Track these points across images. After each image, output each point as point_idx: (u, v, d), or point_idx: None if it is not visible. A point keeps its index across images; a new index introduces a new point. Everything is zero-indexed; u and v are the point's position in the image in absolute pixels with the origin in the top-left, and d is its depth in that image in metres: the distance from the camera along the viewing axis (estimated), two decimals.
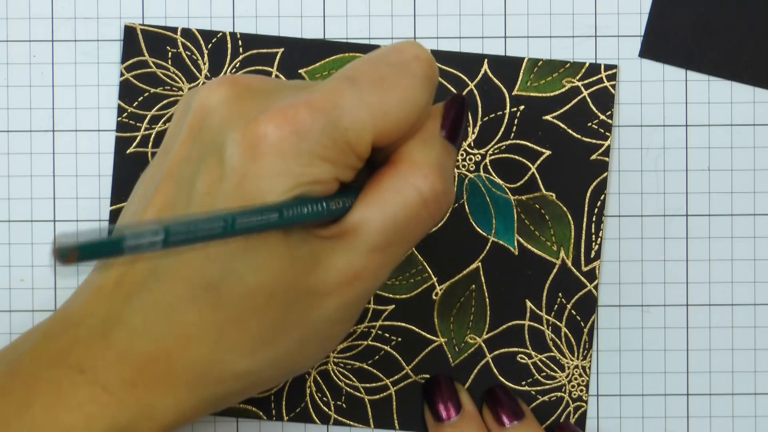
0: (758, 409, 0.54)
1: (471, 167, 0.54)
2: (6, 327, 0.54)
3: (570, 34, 0.54)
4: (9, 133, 0.53)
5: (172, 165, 0.45)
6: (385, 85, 0.44)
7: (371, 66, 0.45)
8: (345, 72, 0.45)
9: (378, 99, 0.44)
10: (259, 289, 0.43)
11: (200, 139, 0.44)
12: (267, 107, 0.43)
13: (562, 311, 0.54)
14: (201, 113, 0.45)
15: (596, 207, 0.54)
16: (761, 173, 0.54)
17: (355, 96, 0.44)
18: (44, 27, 0.54)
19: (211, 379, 0.44)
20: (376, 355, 0.54)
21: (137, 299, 0.44)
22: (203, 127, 0.44)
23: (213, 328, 0.44)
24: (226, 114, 0.44)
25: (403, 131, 0.45)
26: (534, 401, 0.54)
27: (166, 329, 0.43)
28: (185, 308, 0.43)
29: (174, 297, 0.43)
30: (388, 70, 0.45)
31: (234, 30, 0.54)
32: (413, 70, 0.45)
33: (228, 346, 0.44)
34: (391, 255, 0.45)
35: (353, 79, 0.44)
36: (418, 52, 0.45)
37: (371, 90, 0.44)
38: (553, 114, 0.54)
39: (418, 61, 0.45)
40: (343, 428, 0.54)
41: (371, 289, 0.45)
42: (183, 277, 0.43)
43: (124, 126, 0.54)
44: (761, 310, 0.54)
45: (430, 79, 0.45)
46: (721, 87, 0.54)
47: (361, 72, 0.45)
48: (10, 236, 0.53)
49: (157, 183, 0.45)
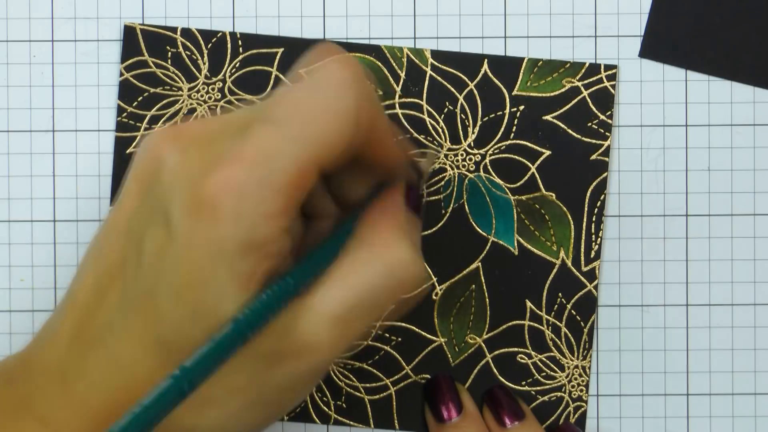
0: (758, 409, 0.54)
1: (471, 167, 0.54)
2: (6, 327, 0.54)
3: (570, 34, 0.54)
4: (9, 133, 0.53)
5: (122, 219, 0.44)
6: (305, 112, 0.43)
7: (287, 98, 0.43)
8: (263, 113, 0.43)
9: (303, 130, 0.42)
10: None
11: (148, 196, 0.44)
12: (210, 161, 0.42)
13: (562, 311, 0.54)
14: (147, 168, 0.44)
15: (596, 207, 0.54)
16: (761, 173, 0.54)
17: (280, 135, 0.42)
18: (44, 27, 0.54)
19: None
20: (376, 355, 0.54)
21: (94, 353, 0.44)
22: (150, 182, 0.44)
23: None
24: (172, 171, 0.43)
25: (347, 148, 0.43)
26: (534, 401, 0.54)
27: (120, 383, 0.43)
28: (139, 364, 0.43)
29: (128, 354, 0.43)
30: (303, 96, 0.43)
31: (234, 30, 0.54)
32: (329, 83, 0.43)
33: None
34: (353, 328, 0.44)
35: (273, 118, 0.43)
36: (330, 63, 0.43)
37: (293, 123, 0.42)
38: (553, 114, 0.54)
39: (330, 71, 0.43)
40: (343, 428, 0.54)
41: (327, 362, 0.44)
42: (136, 334, 0.43)
43: (124, 126, 0.54)
44: (761, 310, 0.54)
45: (349, 81, 0.43)
46: (721, 87, 0.54)
47: (278, 108, 0.43)
48: (10, 236, 0.53)
49: (110, 234, 0.44)
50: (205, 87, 0.53)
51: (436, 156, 0.53)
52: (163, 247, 0.43)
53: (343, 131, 0.43)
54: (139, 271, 0.43)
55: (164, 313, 0.43)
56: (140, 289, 0.43)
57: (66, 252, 0.53)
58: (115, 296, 0.44)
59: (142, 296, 0.43)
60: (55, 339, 0.45)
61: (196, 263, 0.42)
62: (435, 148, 0.53)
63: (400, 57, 0.53)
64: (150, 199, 0.44)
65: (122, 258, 0.44)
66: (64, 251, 0.53)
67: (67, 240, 0.53)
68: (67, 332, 0.45)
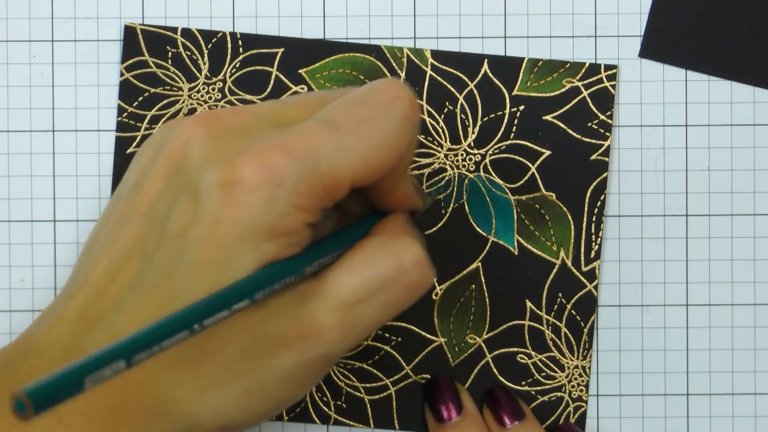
0: (758, 409, 0.54)
1: (471, 167, 0.54)
2: (6, 327, 0.54)
3: (570, 34, 0.54)
4: (9, 133, 0.53)
5: (144, 202, 0.44)
6: (363, 128, 0.44)
7: (350, 108, 0.44)
8: (323, 114, 0.44)
9: (356, 143, 0.43)
10: (217, 331, 0.43)
11: (175, 178, 0.44)
12: (243, 148, 0.43)
13: (562, 311, 0.54)
14: (177, 152, 0.44)
15: (596, 207, 0.54)
16: (761, 173, 0.54)
17: (333, 140, 0.43)
18: (44, 27, 0.54)
19: (161, 415, 0.44)
20: (376, 355, 0.54)
21: (99, 332, 0.43)
22: (179, 166, 0.44)
23: (168, 364, 0.43)
24: (202, 155, 0.43)
25: (382, 174, 0.44)
26: (534, 401, 0.54)
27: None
28: None
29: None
30: (366, 113, 0.44)
31: (234, 30, 0.54)
32: (393, 111, 0.44)
33: (179, 384, 0.43)
34: (361, 318, 0.44)
35: (331, 123, 0.43)
36: (399, 92, 0.44)
37: (349, 134, 0.43)
38: (553, 114, 0.54)
39: (398, 102, 0.44)
40: (343, 428, 0.54)
41: (333, 352, 0.44)
42: (145, 312, 0.43)
43: (124, 126, 0.54)
44: (761, 310, 0.54)
45: (411, 120, 0.45)
46: (721, 87, 0.54)
47: (339, 115, 0.44)
48: (10, 236, 0.53)
49: (128, 218, 0.45)
50: (206, 87, 0.53)
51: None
52: (188, 226, 0.43)
53: (390, 162, 0.44)
54: (158, 251, 0.43)
55: (180, 293, 0.42)
56: (157, 268, 0.43)
57: (66, 252, 0.53)
58: (128, 276, 0.44)
59: (159, 275, 0.43)
60: (57, 320, 0.44)
61: (221, 243, 0.42)
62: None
63: (400, 57, 0.53)
64: (176, 181, 0.44)
65: (141, 240, 0.44)
66: (64, 251, 0.53)
67: (67, 240, 0.53)
68: (72, 312, 0.44)
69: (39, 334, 0.45)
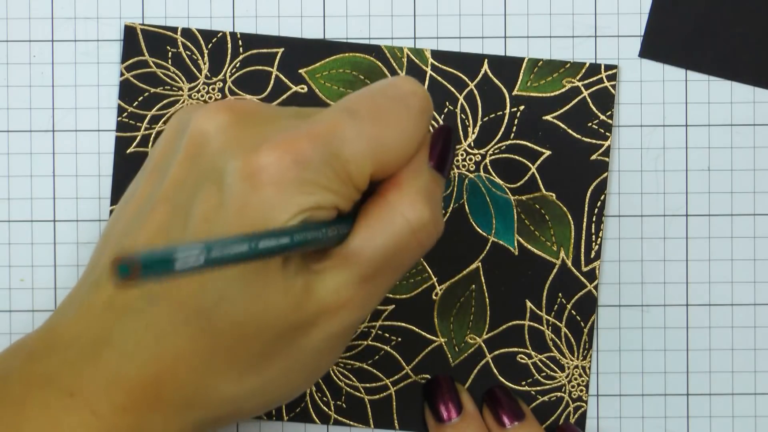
0: (758, 409, 0.54)
1: (471, 167, 0.54)
2: (6, 327, 0.54)
3: (570, 34, 0.54)
4: (9, 133, 0.53)
5: (168, 188, 0.45)
6: (383, 118, 0.45)
7: (370, 99, 0.45)
8: (344, 104, 0.45)
9: (377, 132, 0.44)
10: (251, 319, 0.43)
11: (198, 164, 0.44)
12: (266, 136, 0.43)
13: (562, 311, 0.54)
14: (199, 138, 0.45)
15: (596, 207, 0.54)
16: (761, 173, 0.54)
17: (355, 128, 0.44)
18: (44, 27, 0.54)
19: (198, 403, 0.44)
20: (376, 355, 0.54)
21: (129, 322, 0.44)
22: (201, 152, 0.44)
23: (202, 353, 0.44)
24: (226, 141, 0.44)
25: (400, 164, 0.45)
26: (534, 401, 0.54)
27: (156, 352, 0.43)
28: (177, 332, 0.43)
29: (166, 321, 0.43)
30: (386, 104, 0.45)
31: (234, 30, 0.54)
32: (410, 104, 0.45)
33: (215, 371, 0.44)
34: (379, 285, 0.45)
35: (353, 111, 0.44)
36: (415, 87, 0.46)
37: (371, 122, 0.44)
38: (553, 114, 0.54)
39: (415, 96, 0.46)
40: (343, 428, 0.54)
41: (357, 320, 0.45)
42: (177, 301, 0.43)
43: (124, 126, 0.54)
44: (761, 310, 0.54)
45: (426, 114, 0.46)
46: (721, 87, 0.54)
47: (360, 104, 0.45)
48: (10, 236, 0.53)
49: (152, 205, 0.45)
50: (206, 87, 0.53)
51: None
52: (213, 212, 0.43)
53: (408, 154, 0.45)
54: (184, 238, 0.43)
55: (208, 280, 0.43)
56: None
57: (66, 252, 0.53)
58: None
59: None
60: (84, 310, 0.44)
61: (249, 227, 0.42)
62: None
63: (400, 57, 0.53)
64: (199, 167, 0.44)
65: (166, 226, 0.44)
66: (64, 251, 0.53)
67: (67, 240, 0.53)
68: (99, 302, 0.44)
69: (66, 324, 0.45)
